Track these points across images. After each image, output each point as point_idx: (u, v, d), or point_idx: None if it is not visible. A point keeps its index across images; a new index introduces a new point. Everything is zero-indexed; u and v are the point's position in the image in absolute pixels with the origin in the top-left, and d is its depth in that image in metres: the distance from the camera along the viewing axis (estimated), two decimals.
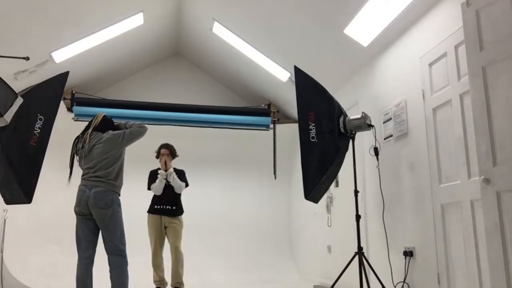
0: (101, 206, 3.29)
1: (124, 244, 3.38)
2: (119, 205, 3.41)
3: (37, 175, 3.30)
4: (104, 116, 3.67)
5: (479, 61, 2.47)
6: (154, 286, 4.43)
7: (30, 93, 3.35)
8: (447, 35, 3.19)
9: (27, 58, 3.55)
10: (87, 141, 3.43)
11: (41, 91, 3.43)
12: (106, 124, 3.63)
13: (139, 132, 3.56)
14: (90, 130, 3.52)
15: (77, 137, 3.56)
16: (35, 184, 3.28)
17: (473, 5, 2.53)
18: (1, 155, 3.10)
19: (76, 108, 5.81)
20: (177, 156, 4.66)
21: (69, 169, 3.50)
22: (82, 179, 3.43)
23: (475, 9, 2.52)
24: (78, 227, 3.39)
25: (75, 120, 5.81)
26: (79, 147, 3.47)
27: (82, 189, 3.35)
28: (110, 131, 3.53)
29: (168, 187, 4.49)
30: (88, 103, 5.85)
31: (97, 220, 3.33)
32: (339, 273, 3.60)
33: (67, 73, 3.60)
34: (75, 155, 3.51)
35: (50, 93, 3.48)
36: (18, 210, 4.19)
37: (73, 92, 5.90)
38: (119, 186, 3.47)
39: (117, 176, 3.43)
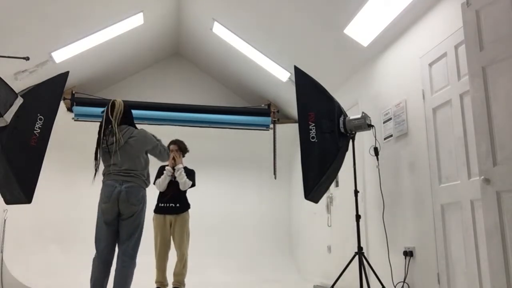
0: (133, 202, 3.23)
1: (137, 246, 3.33)
2: (145, 202, 3.37)
3: (37, 175, 3.28)
4: (125, 105, 3.48)
5: (479, 61, 2.47)
6: (155, 286, 4.43)
7: (30, 93, 3.34)
8: (447, 35, 3.19)
9: (27, 58, 3.55)
10: (117, 136, 3.29)
11: (41, 91, 3.42)
12: (129, 115, 3.50)
13: (163, 157, 3.64)
14: (116, 125, 3.34)
15: (102, 127, 3.37)
16: (35, 184, 3.25)
17: (473, 5, 2.53)
18: (1, 155, 3.09)
19: (76, 108, 5.81)
20: (187, 151, 4.64)
21: (94, 163, 3.34)
22: (108, 174, 3.31)
23: (475, 9, 2.52)
24: (99, 226, 3.28)
25: (75, 120, 5.82)
26: (110, 141, 3.30)
27: (111, 184, 3.25)
28: (142, 131, 3.46)
29: (173, 184, 4.45)
30: (88, 103, 5.85)
31: (123, 216, 3.24)
32: (339, 273, 3.60)
33: (67, 73, 3.58)
34: (102, 149, 3.34)
35: (50, 93, 3.45)
36: (18, 210, 4.19)
37: (73, 92, 5.90)
38: (148, 184, 3.43)
39: (146, 173, 3.41)
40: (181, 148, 4.57)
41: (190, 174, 4.54)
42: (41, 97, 3.38)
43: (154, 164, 4.62)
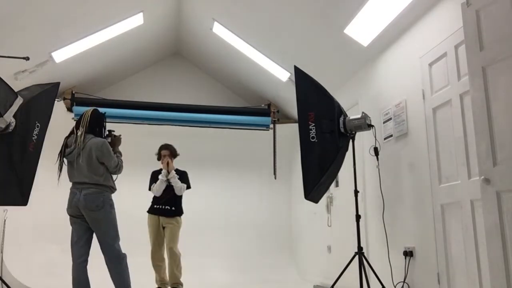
0: (92, 208, 3.26)
1: (118, 242, 3.36)
2: (111, 205, 3.36)
3: (33, 179, 3.37)
4: (93, 113, 3.50)
5: (479, 61, 2.47)
6: (156, 286, 4.43)
7: (32, 102, 3.41)
8: (447, 35, 3.19)
9: (27, 58, 3.57)
10: (78, 142, 3.32)
11: (41, 101, 3.49)
12: (96, 121, 3.50)
13: (115, 172, 3.48)
14: (80, 133, 3.37)
15: (66, 138, 3.45)
16: (31, 187, 3.35)
17: (473, 5, 2.53)
18: (7, 159, 3.16)
19: (76, 108, 5.81)
20: (178, 155, 4.65)
21: (58, 170, 3.41)
22: (73, 182, 3.39)
23: (475, 9, 2.52)
24: (72, 228, 3.38)
25: (75, 120, 5.80)
26: (70, 150, 3.36)
27: (73, 192, 3.34)
28: (99, 140, 3.39)
29: (168, 188, 4.48)
30: (88, 103, 5.83)
31: (89, 222, 3.31)
32: (339, 273, 3.60)
33: (58, 84, 3.71)
34: (63, 157, 3.41)
35: (47, 102, 3.55)
36: (18, 210, 4.18)
37: (73, 92, 5.90)
38: (111, 187, 3.41)
39: (106, 178, 3.38)
40: (172, 152, 4.59)
41: (183, 176, 4.57)
42: (40, 106, 3.47)
43: (146, 169, 4.63)
